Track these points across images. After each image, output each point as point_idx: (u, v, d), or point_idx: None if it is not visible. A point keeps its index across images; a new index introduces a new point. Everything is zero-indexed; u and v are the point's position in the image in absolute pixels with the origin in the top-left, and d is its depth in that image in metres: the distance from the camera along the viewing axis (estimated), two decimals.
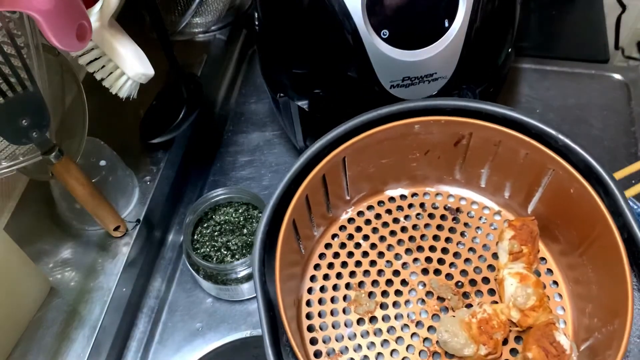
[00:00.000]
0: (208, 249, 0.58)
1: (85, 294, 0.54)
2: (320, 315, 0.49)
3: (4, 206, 0.57)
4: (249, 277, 0.56)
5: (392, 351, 0.47)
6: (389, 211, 0.54)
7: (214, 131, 0.74)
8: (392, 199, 0.55)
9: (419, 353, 0.47)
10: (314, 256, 0.52)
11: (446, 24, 0.47)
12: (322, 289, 0.50)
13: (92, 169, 0.56)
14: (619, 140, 0.69)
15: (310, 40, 0.51)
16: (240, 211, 0.60)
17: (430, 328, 0.48)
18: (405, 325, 0.48)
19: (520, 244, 0.47)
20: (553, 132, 0.45)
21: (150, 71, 0.51)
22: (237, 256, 0.57)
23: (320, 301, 0.50)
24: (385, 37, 0.46)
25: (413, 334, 0.47)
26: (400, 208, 0.54)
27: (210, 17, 0.73)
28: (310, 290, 0.50)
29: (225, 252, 0.57)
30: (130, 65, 0.50)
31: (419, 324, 0.48)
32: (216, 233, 0.59)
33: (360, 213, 0.54)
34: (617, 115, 0.72)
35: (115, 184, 0.58)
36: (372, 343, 0.47)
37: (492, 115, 0.47)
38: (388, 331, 0.48)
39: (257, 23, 0.56)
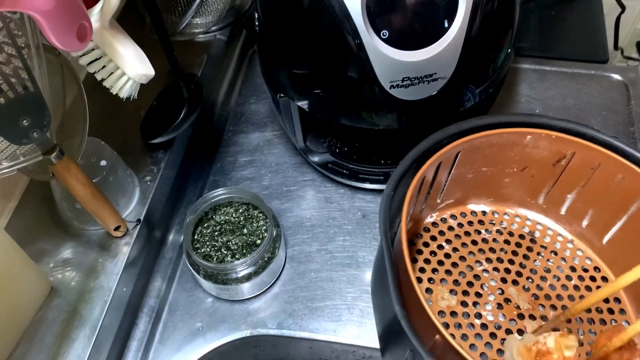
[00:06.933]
0: (208, 249, 0.58)
1: (85, 294, 0.54)
2: None
3: (5, 206, 0.57)
4: (249, 277, 0.56)
5: (471, 345, 0.48)
6: (470, 223, 0.57)
7: (214, 131, 0.74)
8: (473, 212, 0.57)
9: (497, 351, 0.48)
10: None
11: (446, 24, 0.47)
12: None
13: (92, 169, 0.56)
14: None
15: (310, 41, 0.51)
16: (240, 211, 0.60)
17: (507, 331, 0.49)
18: (484, 324, 0.50)
19: None
20: None
21: (150, 71, 0.51)
22: (237, 256, 0.57)
23: None
24: (385, 37, 0.47)
25: (491, 334, 0.49)
26: (481, 222, 0.57)
27: (211, 18, 0.73)
28: None
29: (226, 252, 0.57)
30: (130, 66, 0.50)
31: (497, 325, 0.50)
32: (216, 233, 0.59)
33: (443, 219, 0.57)
34: (616, 116, 0.72)
35: (115, 184, 0.58)
36: (452, 335, 0.49)
37: (595, 139, 0.49)
38: (467, 327, 0.50)
39: (257, 23, 0.56)
